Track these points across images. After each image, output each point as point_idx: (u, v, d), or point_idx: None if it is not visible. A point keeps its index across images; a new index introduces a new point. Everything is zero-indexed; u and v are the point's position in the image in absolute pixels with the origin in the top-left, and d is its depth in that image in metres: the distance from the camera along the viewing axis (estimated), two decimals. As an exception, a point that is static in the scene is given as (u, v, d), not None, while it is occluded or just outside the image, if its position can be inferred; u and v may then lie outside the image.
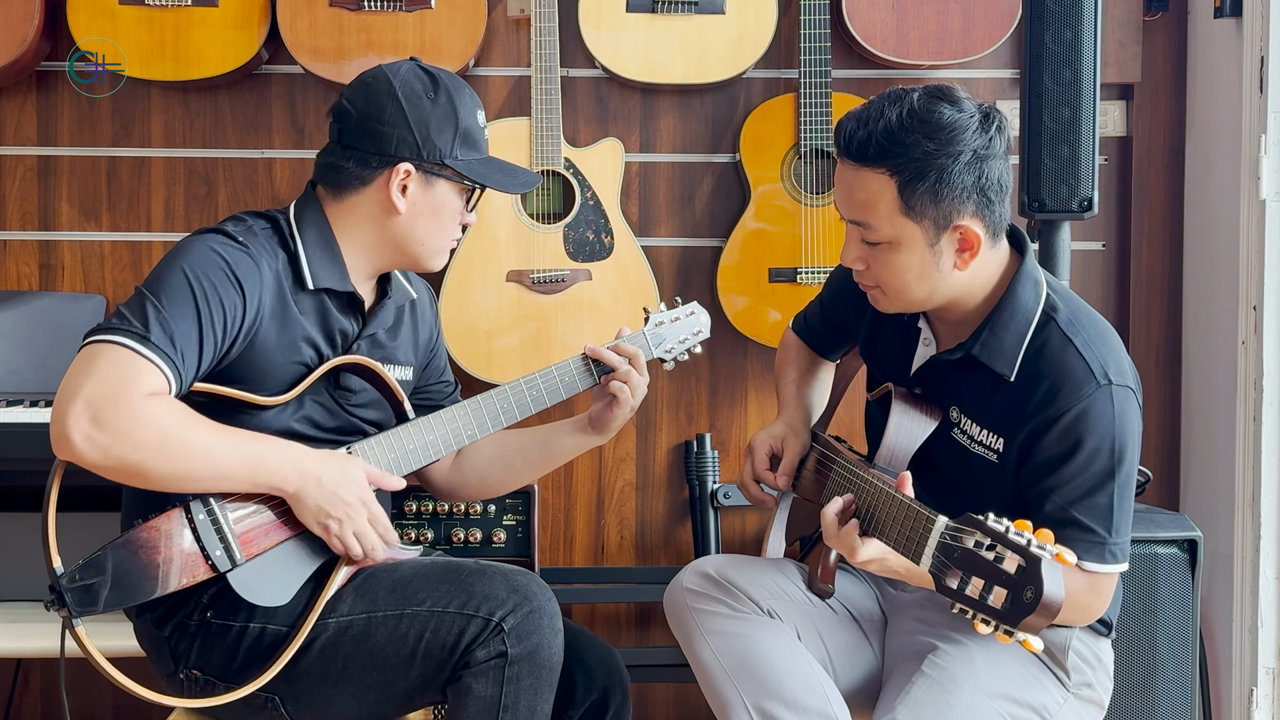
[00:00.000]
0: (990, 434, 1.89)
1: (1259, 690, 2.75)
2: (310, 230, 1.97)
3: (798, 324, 2.34)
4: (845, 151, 1.84)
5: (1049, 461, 1.82)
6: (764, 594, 1.98)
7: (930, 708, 1.85)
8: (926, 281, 1.85)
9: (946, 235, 1.82)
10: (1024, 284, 1.88)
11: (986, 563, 1.53)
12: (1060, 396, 1.81)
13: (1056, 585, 1.47)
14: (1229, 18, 2.85)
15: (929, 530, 1.64)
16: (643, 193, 3.09)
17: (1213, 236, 2.97)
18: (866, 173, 1.82)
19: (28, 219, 3.05)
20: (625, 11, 2.89)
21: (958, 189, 1.79)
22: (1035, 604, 1.47)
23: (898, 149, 1.78)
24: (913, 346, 2.01)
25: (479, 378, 2.88)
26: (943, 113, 1.79)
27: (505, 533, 2.75)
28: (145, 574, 1.80)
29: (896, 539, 1.73)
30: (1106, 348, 1.85)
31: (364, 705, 1.92)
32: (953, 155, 1.78)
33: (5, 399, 2.64)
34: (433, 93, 1.96)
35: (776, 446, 2.14)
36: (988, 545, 1.54)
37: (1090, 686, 1.97)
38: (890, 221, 1.82)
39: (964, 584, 1.55)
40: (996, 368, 1.86)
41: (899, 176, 1.79)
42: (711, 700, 1.95)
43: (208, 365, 1.84)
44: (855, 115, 1.84)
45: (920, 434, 1.94)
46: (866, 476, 1.85)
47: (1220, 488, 2.88)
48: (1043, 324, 1.86)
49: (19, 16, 2.81)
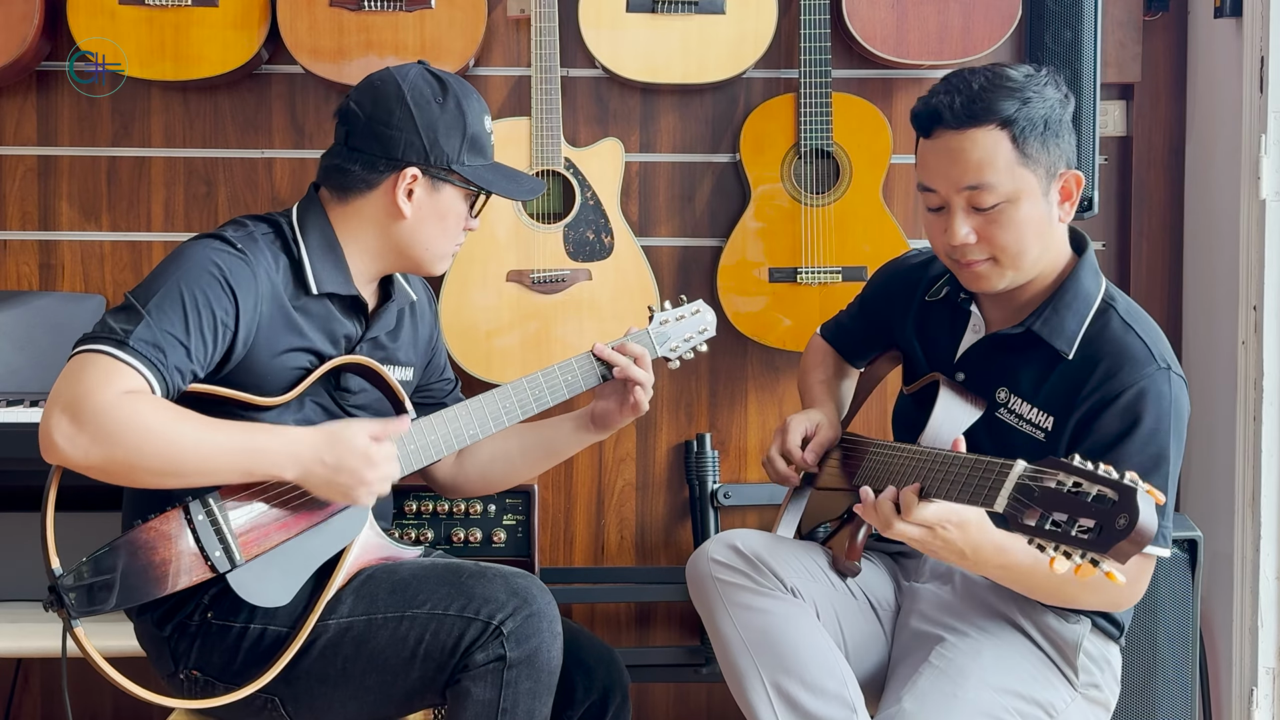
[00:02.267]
0: (1041, 413, 1.91)
1: (1259, 690, 2.75)
2: (313, 234, 1.97)
3: (827, 330, 2.37)
4: (951, 118, 1.86)
5: (1107, 439, 1.84)
6: (789, 572, 1.98)
7: (936, 699, 1.85)
8: (1042, 238, 1.90)
9: (1054, 184, 1.89)
10: (1086, 271, 1.95)
11: (1071, 497, 1.50)
12: (1122, 374, 1.85)
13: (1150, 515, 1.44)
14: (1229, 18, 2.85)
15: (1005, 474, 1.60)
16: (643, 193, 3.09)
17: (1213, 236, 2.97)
18: (977, 132, 1.85)
19: (28, 219, 3.05)
20: (625, 11, 2.89)
21: (1063, 134, 1.88)
22: (1129, 529, 1.43)
23: (1005, 102, 1.84)
24: (960, 331, 2.04)
25: (479, 377, 2.88)
26: (1022, 69, 1.88)
27: (505, 532, 2.75)
28: (144, 575, 1.80)
29: (961, 493, 1.68)
30: (1162, 341, 1.92)
31: (363, 707, 1.92)
32: (1049, 103, 1.86)
33: (5, 399, 2.64)
34: (441, 97, 1.95)
35: (810, 430, 2.14)
36: (1071, 485, 1.51)
37: (1098, 688, 1.97)
38: (1010, 174, 1.85)
39: (1044, 519, 1.51)
40: (1056, 344, 1.91)
41: (1011, 128, 1.84)
42: (728, 672, 1.95)
43: (199, 370, 1.83)
44: (941, 90, 1.89)
45: (965, 422, 1.95)
46: (914, 449, 1.85)
47: (1220, 488, 2.88)
48: (1103, 310, 1.92)
49: (19, 16, 2.81)
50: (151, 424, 1.74)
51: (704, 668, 2.99)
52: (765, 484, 3.07)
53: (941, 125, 1.88)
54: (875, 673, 2.05)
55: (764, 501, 3.06)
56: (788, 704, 1.87)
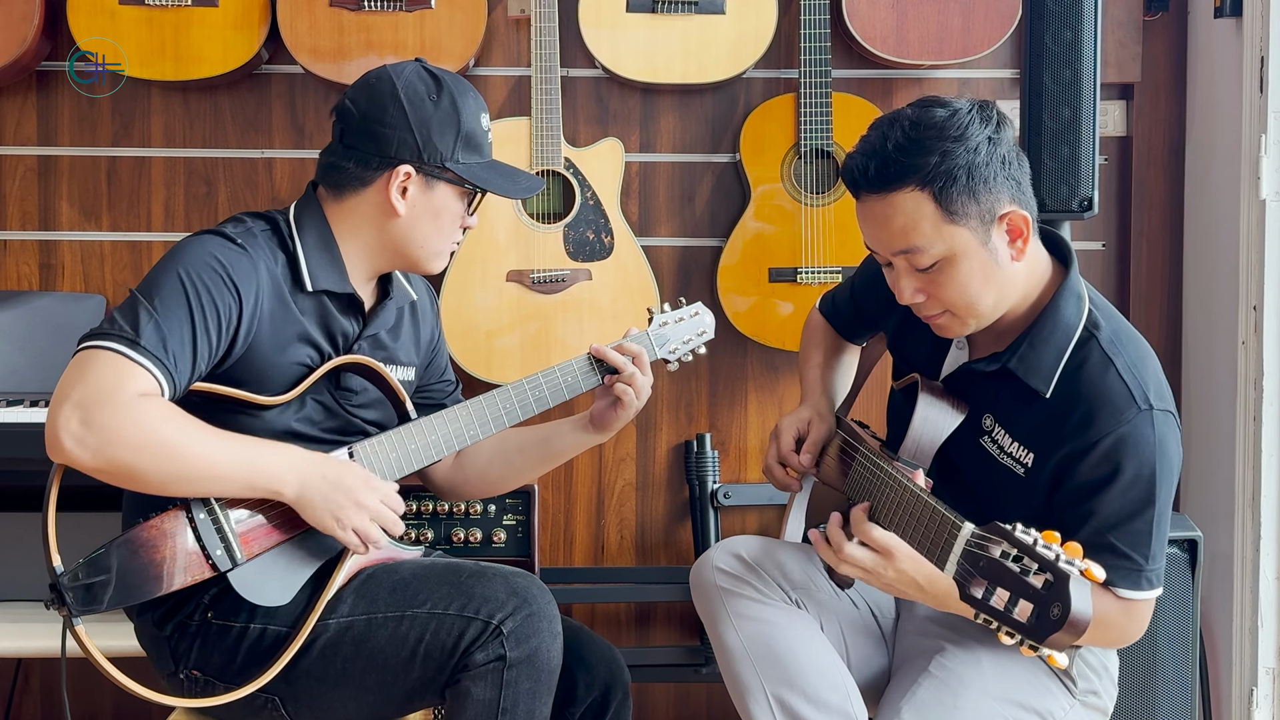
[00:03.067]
0: (1021, 448, 1.85)
1: (1259, 690, 2.75)
2: (310, 231, 1.97)
3: (825, 305, 2.31)
4: (866, 184, 1.78)
5: (1087, 486, 1.78)
6: (793, 582, 1.97)
7: (936, 709, 1.84)
8: (992, 284, 1.80)
9: (995, 229, 1.78)
10: (1066, 298, 1.84)
11: (1013, 574, 1.48)
12: (1099, 420, 1.77)
13: (1084, 603, 1.42)
14: (1229, 18, 2.85)
15: (955, 536, 1.59)
16: (643, 193, 3.09)
17: (1213, 236, 2.97)
18: (895, 196, 1.76)
19: (28, 219, 3.05)
20: (625, 11, 2.89)
21: (988, 178, 1.75)
22: (1062, 621, 1.42)
23: (918, 159, 1.74)
24: (944, 350, 1.98)
25: (479, 378, 2.88)
26: (939, 114, 1.76)
27: (505, 533, 2.75)
28: (145, 573, 1.80)
29: (920, 540, 1.69)
30: (1147, 370, 1.81)
31: (363, 706, 1.92)
32: (971, 148, 1.74)
33: (5, 399, 2.64)
34: (435, 95, 1.95)
35: (802, 429, 2.10)
36: (1014, 556, 1.49)
37: (1096, 694, 1.96)
38: (939, 234, 1.76)
39: (989, 594, 1.51)
40: (1032, 383, 1.82)
41: (931, 186, 1.74)
42: (730, 683, 1.94)
43: (204, 368, 1.83)
44: (859, 151, 1.80)
45: (946, 427, 1.89)
46: (890, 470, 1.81)
47: (1220, 488, 2.88)
48: (1083, 341, 1.82)
49: (19, 16, 2.81)
50: (160, 433, 1.74)
51: (704, 668, 2.99)
52: (765, 484, 3.05)
53: (862, 189, 1.79)
54: (877, 681, 2.04)
55: (764, 501, 3.07)
56: (790, 716, 1.87)
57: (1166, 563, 2.46)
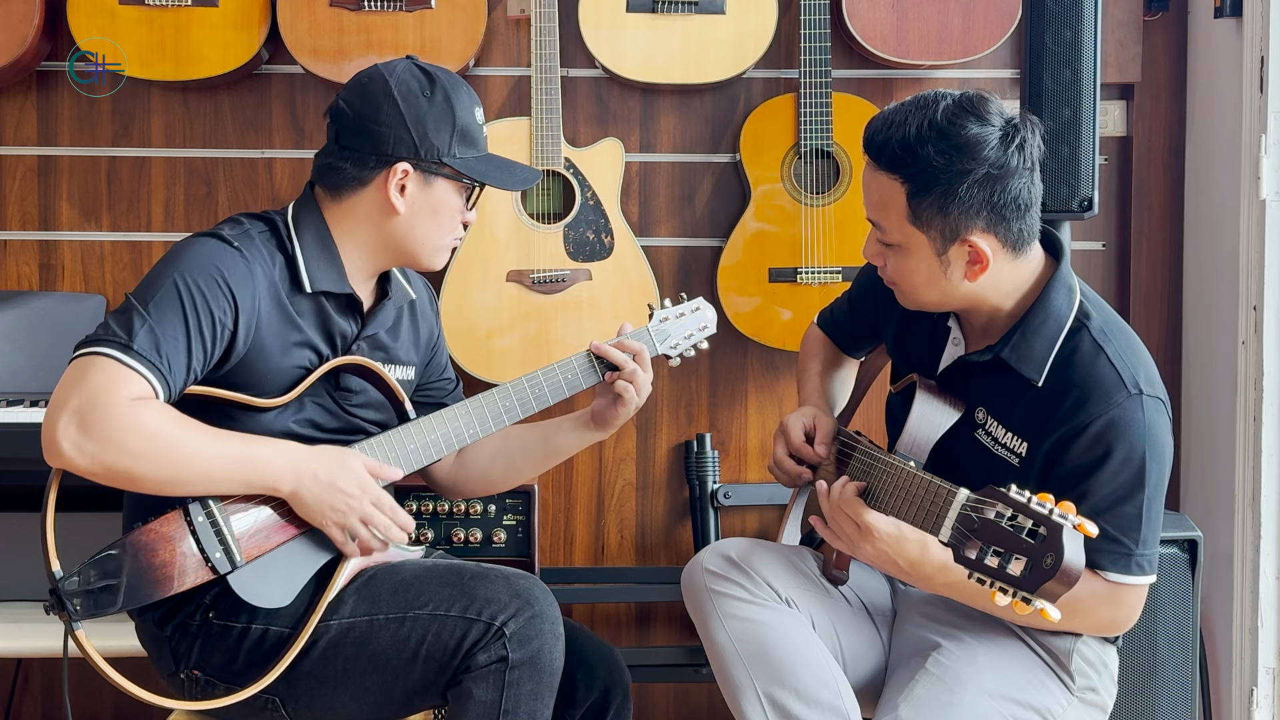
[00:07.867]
0: (1015, 437, 1.88)
1: (1259, 690, 2.75)
2: (308, 232, 1.97)
3: (823, 319, 2.34)
4: (866, 150, 1.86)
5: (1077, 469, 1.81)
6: (783, 581, 1.98)
7: (933, 706, 1.85)
8: (935, 288, 1.88)
9: (955, 247, 1.83)
10: (1058, 290, 1.88)
11: (1007, 532, 1.54)
12: (1090, 404, 1.81)
13: (1077, 553, 1.47)
14: (1229, 18, 2.85)
15: (950, 502, 1.65)
16: (643, 193, 3.09)
17: (1213, 236, 2.97)
18: (882, 176, 1.84)
19: (28, 219, 3.05)
20: (625, 11, 2.89)
21: (966, 204, 1.79)
22: (1055, 570, 1.47)
23: (909, 159, 1.79)
24: (941, 345, 2.01)
25: (479, 377, 2.88)
26: (965, 128, 1.78)
27: (505, 533, 2.75)
28: (145, 577, 1.80)
29: (915, 514, 1.74)
30: (1137, 358, 1.85)
31: (364, 707, 1.92)
32: (962, 172, 1.77)
33: (5, 399, 2.64)
34: (429, 91, 1.95)
35: (809, 425, 2.13)
36: (1009, 516, 1.55)
37: (1095, 691, 1.96)
38: (899, 227, 1.85)
39: (983, 554, 1.56)
40: (1025, 372, 1.86)
41: (908, 185, 1.81)
42: (722, 683, 1.95)
43: (199, 372, 1.84)
44: (884, 116, 1.85)
45: (942, 424, 1.93)
46: (885, 459, 1.86)
47: (1220, 488, 2.88)
48: (1074, 331, 1.87)
49: (19, 16, 2.81)
50: (157, 434, 1.75)
51: (704, 668, 2.97)
52: (765, 484, 3.07)
53: (864, 150, 1.88)
54: (873, 679, 2.04)
55: (764, 501, 3.06)
56: (781, 715, 1.87)
57: (1167, 563, 2.49)
